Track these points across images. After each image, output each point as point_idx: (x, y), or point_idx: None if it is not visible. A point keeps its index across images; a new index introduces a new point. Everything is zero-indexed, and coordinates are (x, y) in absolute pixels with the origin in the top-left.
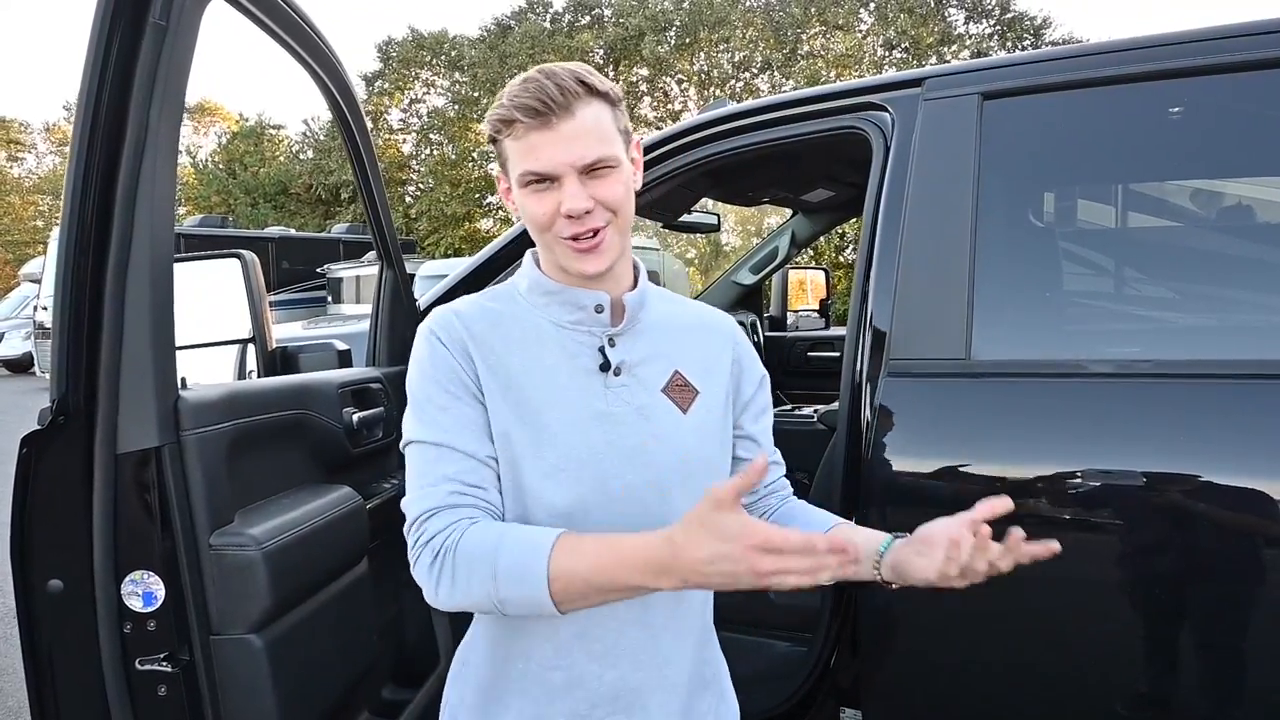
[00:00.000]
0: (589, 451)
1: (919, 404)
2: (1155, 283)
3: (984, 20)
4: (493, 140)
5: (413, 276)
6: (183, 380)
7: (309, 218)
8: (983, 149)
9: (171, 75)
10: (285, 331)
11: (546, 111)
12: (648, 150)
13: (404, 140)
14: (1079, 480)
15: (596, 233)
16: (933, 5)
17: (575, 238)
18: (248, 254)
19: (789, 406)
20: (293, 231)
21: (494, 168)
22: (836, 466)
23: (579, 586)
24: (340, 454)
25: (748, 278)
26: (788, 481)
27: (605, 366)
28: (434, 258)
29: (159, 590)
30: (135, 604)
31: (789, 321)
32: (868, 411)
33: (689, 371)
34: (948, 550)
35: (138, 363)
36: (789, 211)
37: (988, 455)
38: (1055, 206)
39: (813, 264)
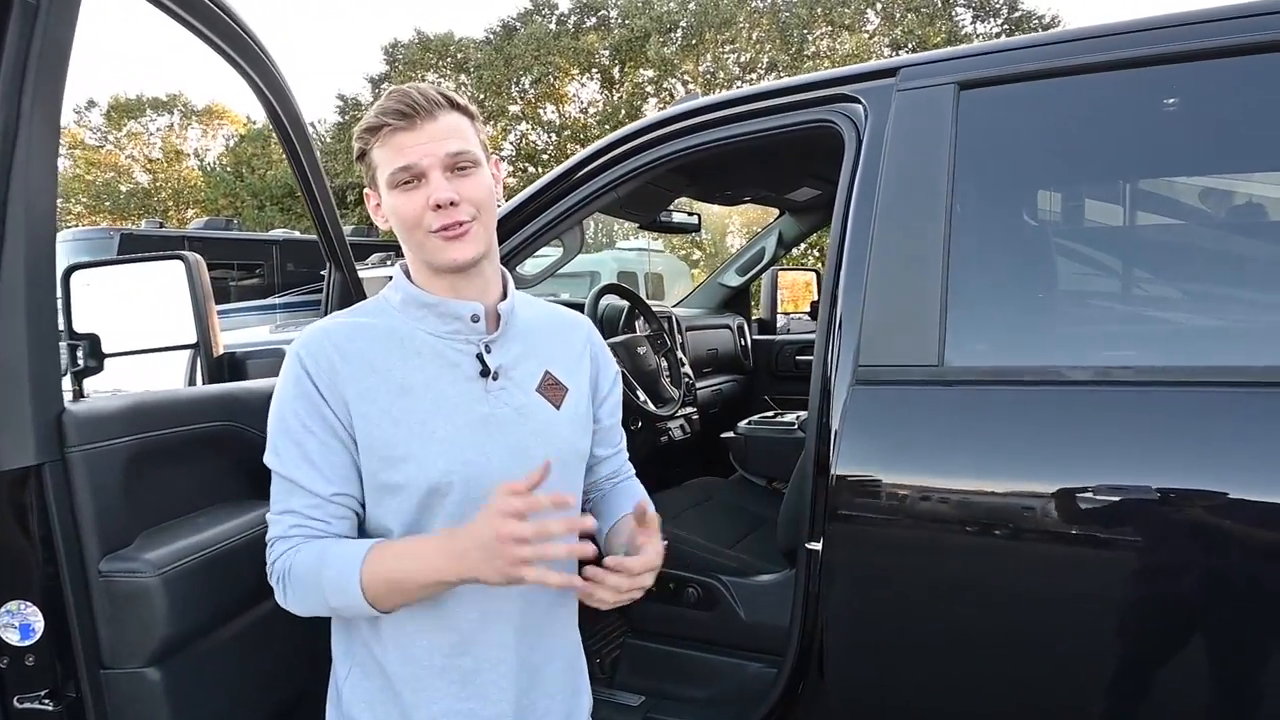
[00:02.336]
0: (476, 452)
1: (889, 413)
2: (1141, 284)
3: (991, 19)
4: (360, 157)
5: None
6: (77, 392)
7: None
8: (958, 142)
9: (46, 60)
10: (255, 335)
11: (412, 114)
12: (612, 147)
13: None
14: (1057, 493)
15: (463, 224)
16: (940, 4)
17: (444, 228)
18: (191, 255)
19: (771, 413)
20: (298, 234)
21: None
22: (806, 478)
23: (383, 587)
24: None
25: (734, 279)
26: (629, 465)
27: (485, 372)
28: None
29: (37, 622)
30: (11, 637)
31: (779, 324)
32: (836, 420)
33: (557, 370)
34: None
35: (10, 372)
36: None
37: (961, 467)
38: (1035, 204)
39: (805, 265)
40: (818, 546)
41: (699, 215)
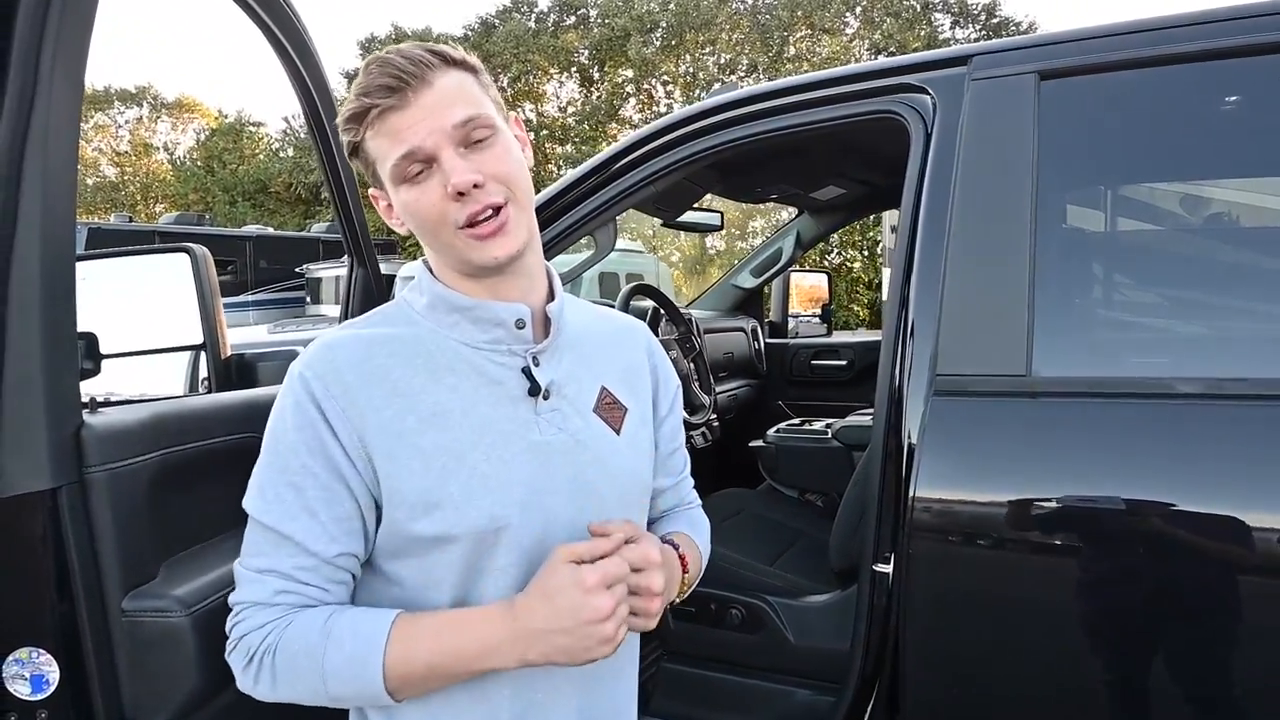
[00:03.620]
0: (528, 491)
1: (972, 427)
2: (1242, 289)
3: (970, 25)
4: (353, 153)
5: (391, 278)
6: (91, 400)
7: (288, 217)
8: (1041, 136)
9: (70, 14)
10: (251, 335)
11: (401, 86)
12: (654, 137)
13: None
14: (1161, 519)
15: (497, 210)
16: (919, 10)
17: (473, 223)
18: (198, 248)
19: (797, 421)
20: (271, 230)
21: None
22: (871, 495)
23: (420, 673)
24: None
25: (749, 281)
26: (694, 494)
27: (534, 390)
28: (415, 259)
29: (51, 672)
30: (21, 689)
31: (789, 327)
32: (911, 435)
33: (614, 386)
34: None
35: (22, 381)
36: (771, 209)
37: (1052, 487)
38: (1128, 201)
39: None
40: (887, 569)
41: (721, 214)
